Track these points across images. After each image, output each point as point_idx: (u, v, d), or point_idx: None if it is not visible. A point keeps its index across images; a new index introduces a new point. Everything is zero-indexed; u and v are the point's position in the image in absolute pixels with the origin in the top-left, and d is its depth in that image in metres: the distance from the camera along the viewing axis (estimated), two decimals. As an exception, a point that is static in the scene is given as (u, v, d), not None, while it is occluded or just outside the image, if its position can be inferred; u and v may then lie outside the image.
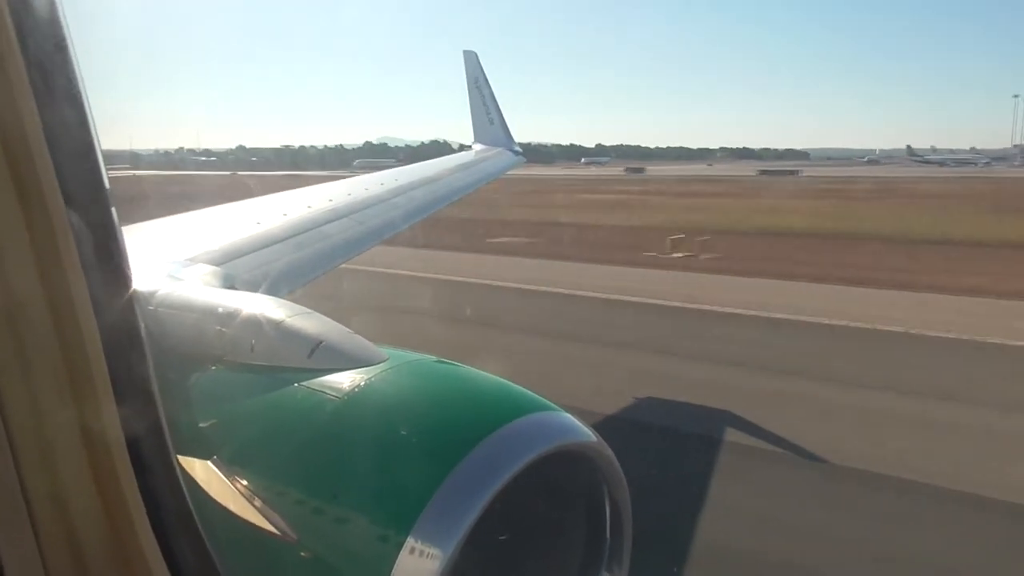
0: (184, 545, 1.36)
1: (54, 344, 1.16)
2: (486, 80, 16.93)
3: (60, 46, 1.15)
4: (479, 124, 16.33)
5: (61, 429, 1.18)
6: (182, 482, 1.40)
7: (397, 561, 1.43)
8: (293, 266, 4.66)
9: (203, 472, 1.70)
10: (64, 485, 1.19)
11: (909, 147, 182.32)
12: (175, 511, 1.37)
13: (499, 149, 15.07)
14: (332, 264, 5.26)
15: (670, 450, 11.32)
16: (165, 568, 1.30)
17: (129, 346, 1.30)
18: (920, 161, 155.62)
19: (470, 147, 15.77)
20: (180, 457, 1.71)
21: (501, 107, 16.61)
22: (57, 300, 1.15)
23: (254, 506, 1.61)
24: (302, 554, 1.56)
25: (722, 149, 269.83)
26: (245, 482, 1.65)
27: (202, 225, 5.09)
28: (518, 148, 16.32)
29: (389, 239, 7.05)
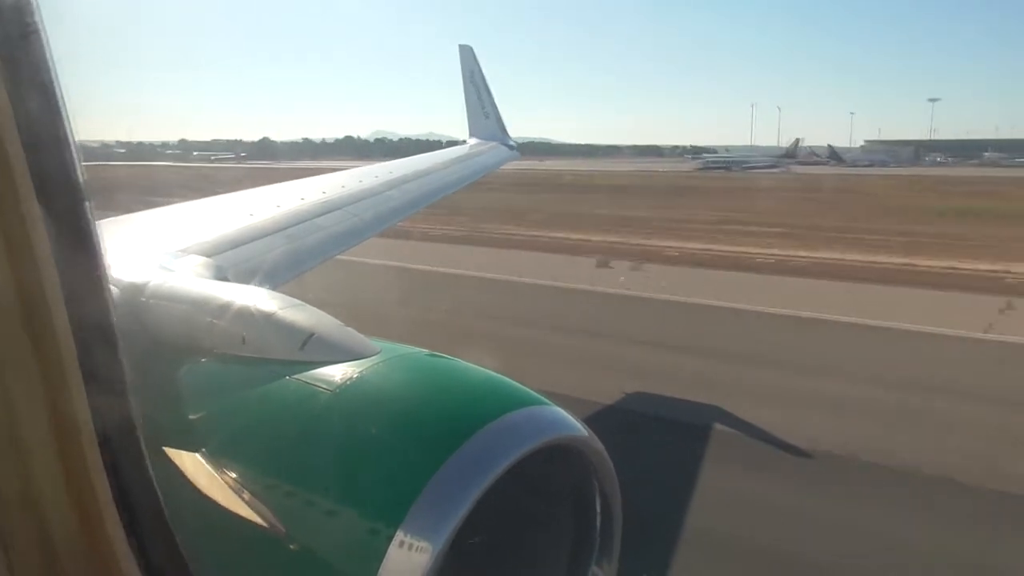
0: (155, 541, 1.36)
1: (24, 338, 1.14)
2: (481, 74, 16.86)
3: (32, 33, 1.13)
4: (474, 118, 16.27)
5: (31, 424, 1.16)
6: (154, 478, 1.39)
7: (387, 554, 1.43)
8: (286, 258, 4.64)
9: (193, 465, 1.69)
10: (33, 482, 1.18)
11: (693, 146, 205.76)
12: (147, 507, 1.36)
13: (494, 143, 15.02)
14: (325, 256, 5.25)
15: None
16: (136, 566, 1.30)
17: (102, 339, 1.28)
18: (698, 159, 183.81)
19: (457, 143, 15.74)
20: (169, 450, 1.70)
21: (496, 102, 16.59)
22: (28, 292, 1.13)
23: (243, 499, 1.61)
24: (291, 547, 1.55)
25: (631, 146, 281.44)
26: (235, 474, 1.65)
27: (194, 216, 5.06)
28: (513, 143, 16.28)
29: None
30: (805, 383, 14.11)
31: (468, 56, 17.10)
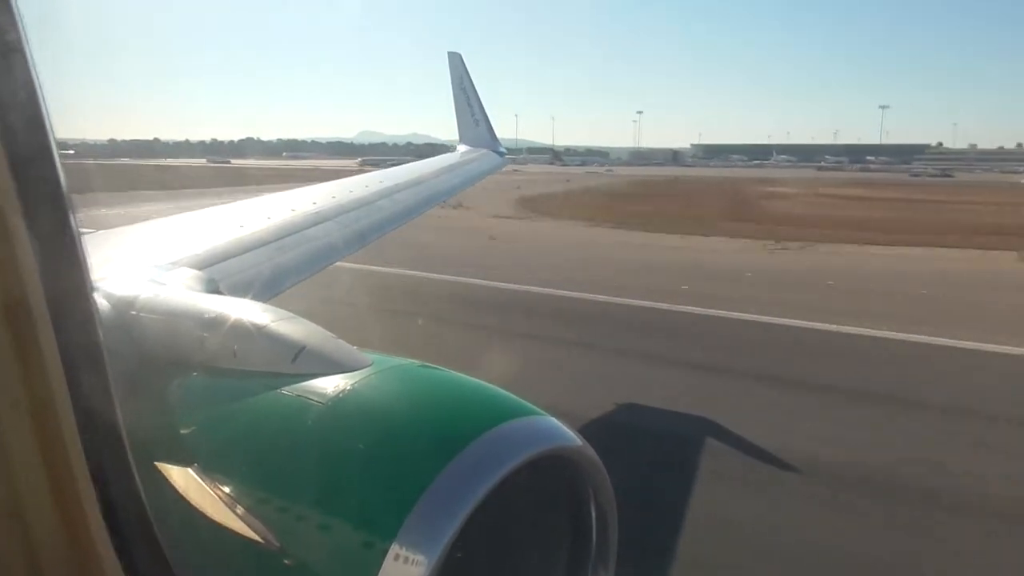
0: (142, 551, 1.37)
1: (9, 352, 1.14)
2: (471, 81, 16.88)
3: (14, 51, 1.13)
4: (464, 125, 16.29)
5: (16, 437, 1.16)
6: (141, 489, 1.39)
7: (382, 567, 1.43)
8: (277, 270, 4.63)
9: (185, 479, 1.68)
10: (20, 498, 1.18)
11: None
12: (134, 519, 1.37)
13: (484, 150, 15.03)
14: (316, 268, 5.23)
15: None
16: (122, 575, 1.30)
17: (88, 354, 1.28)
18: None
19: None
20: (161, 465, 1.69)
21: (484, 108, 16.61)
22: (11, 307, 1.14)
23: (237, 513, 1.60)
24: (286, 562, 1.55)
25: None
26: (227, 489, 1.64)
27: (185, 228, 5.05)
28: (503, 149, 16.29)
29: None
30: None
31: (457, 63, 17.12)
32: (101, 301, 2.17)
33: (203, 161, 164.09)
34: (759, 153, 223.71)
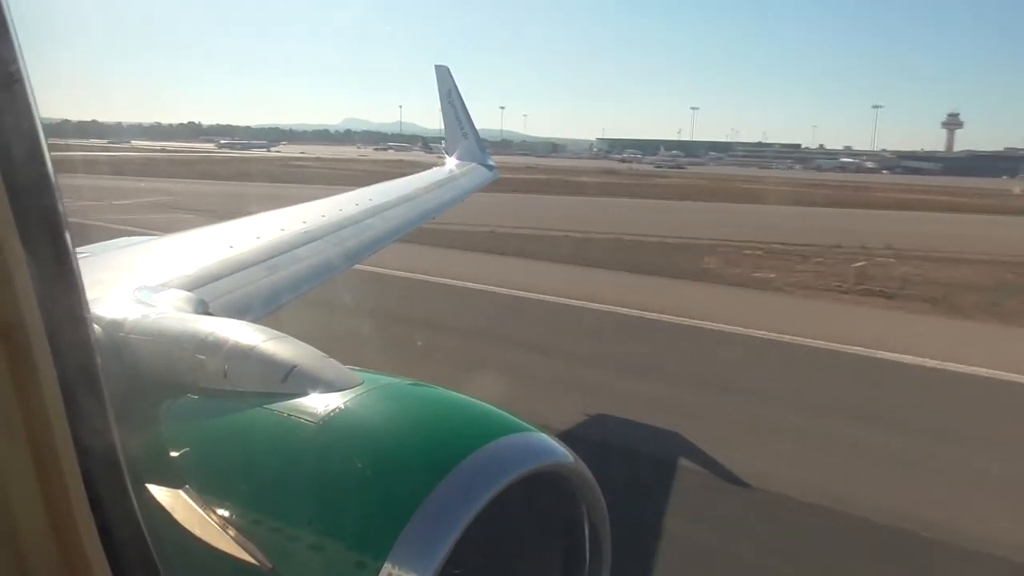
0: (139, 574, 1.36)
1: (6, 375, 1.15)
2: (459, 94, 16.91)
3: (15, 82, 1.15)
4: (452, 138, 16.29)
5: (12, 464, 1.17)
6: (138, 511, 1.39)
7: None
8: (267, 290, 4.62)
9: (177, 501, 1.68)
10: (16, 522, 1.18)
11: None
12: (131, 541, 1.37)
13: (473, 164, 15.01)
14: (306, 287, 5.22)
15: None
16: None
17: (85, 375, 1.29)
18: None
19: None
20: (152, 487, 1.69)
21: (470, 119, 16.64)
22: (9, 330, 1.14)
23: (229, 535, 1.59)
24: None
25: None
26: (219, 510, 1.64)
27: (174, 249, 5.03)
28: (492, 163, 16.29)
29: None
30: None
31: (445, 76, 17.14)
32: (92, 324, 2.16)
33: (104, 141, 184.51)
34: (650, 148, 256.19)
